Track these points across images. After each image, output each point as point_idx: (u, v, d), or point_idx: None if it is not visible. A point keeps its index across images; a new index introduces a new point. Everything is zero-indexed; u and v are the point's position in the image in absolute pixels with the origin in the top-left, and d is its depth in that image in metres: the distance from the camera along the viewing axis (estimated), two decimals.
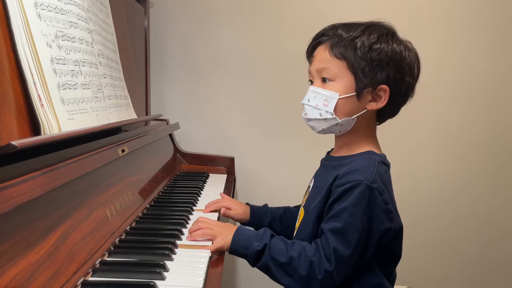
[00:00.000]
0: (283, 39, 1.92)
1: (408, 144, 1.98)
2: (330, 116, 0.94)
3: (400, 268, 1.00)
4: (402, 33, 0.98)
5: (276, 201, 1.53)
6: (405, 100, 0.98)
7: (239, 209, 1.19)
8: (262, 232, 0.94)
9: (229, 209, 1.19)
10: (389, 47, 0.92)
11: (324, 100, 0.94)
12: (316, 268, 0.87)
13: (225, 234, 0.95)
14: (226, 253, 0.96)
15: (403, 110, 1.01)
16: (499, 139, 1.98)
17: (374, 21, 0.97)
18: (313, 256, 0.88)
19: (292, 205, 1.22)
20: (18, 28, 0.76)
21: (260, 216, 1.19)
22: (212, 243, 0.95)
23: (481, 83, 1.96)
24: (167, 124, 1.80)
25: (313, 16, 1.89)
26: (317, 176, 1.05)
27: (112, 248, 0.87)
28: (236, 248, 0.94)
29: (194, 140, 1.98)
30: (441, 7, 1.93)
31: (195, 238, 0.97)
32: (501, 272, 2.04)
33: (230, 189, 1.57)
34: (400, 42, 0.95)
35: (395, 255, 0.96)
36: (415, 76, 0.97)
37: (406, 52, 0.94)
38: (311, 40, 1.00)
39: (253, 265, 0.93)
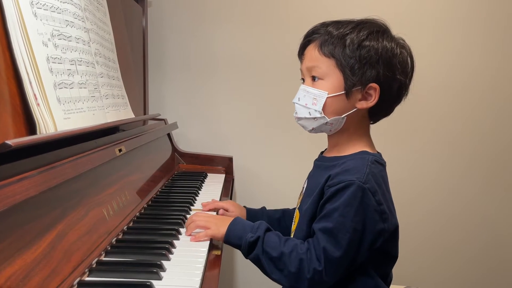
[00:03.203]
0: (282, 39, 1.92)
1: (404, 144, 1.98)
2: (319, 115, 0.93)
3: (397, 269, 1.00)
4: (401, 33, 0.96)
5: (274, 201, 1.53)
6: (399, 99, 0.96)
7: (236, 212, 1.19)
8: (258, 224, 0.94)
9: (227, 211, 1.19)
10: (379, 44, 0.91)
11: (313, 98, 0.93)
12: (306, 267, 0.86)
13: (220, 225, 0.96)
14: (224, 252, 0.96)
15: (399, 109, 0.99)
16: (495, 138, 1.98)
17: (367, 18, 0.96)
18: (304, 255, 0.87)
19: (290, 205, 1.22)
20: (13, 27, 0.76)
21: (256, 219, 1.17)
22: None
23: (474, 80, 1.95)
24: (165, 124, 1.80)
25: (311, 14, 1.88)
26: (310, 177, 1.05)
27: (109, 248, 0.87)
28: (231, 238, 0.94)
29: (192, 139, 1.97)
30: (442, 8, 1.92)
31: (190, 232, 0.98)
32: (500, 272, 2.04)
33: (228, 189, 1.57)
34: (392, 39, 0.94)
35: (391, 256, 0.95)
36: (408, 74, 0.95)
37: (398, 49, 0.93)
38: (302, 38, 0.99)
39: (246, 256, 0.93)
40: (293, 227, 1.03)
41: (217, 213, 1.18)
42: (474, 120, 1.98)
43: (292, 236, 1.01)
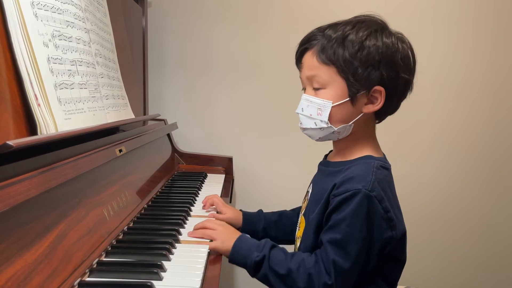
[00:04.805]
0: (282, 38, 1.92)
1: (409, 145, 1.98)
2: (325, 125, 0.91)
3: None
4: (404, 33, 0.94)
5: (274, 201, 1.53)
6: (404, 95, 0.94)
7: (230, 214, 1.16)
8: (263, 243, 0.92)
9: (220, 213, 1.16)
10: (379, 42, 0.88)
11: (317, 109, 0.90)
12: (316, 281, 0.84)
13: (226, 239, 0.94)
14: None
15: (405, 112, 0.98)
16: (501, 140, 1.98)
17: (363, 15, 0.93)
18: (312, 269, 0.85)
19: (289, 205, 1.21)
20: (14, 28, 0.76)
21: (253, 222, 1.16)
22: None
23: (483, 83, 1.95)
24: (165, 124, 1.80)
25: (311, 15, 1.89)
26: (315, 182, 1.03)
27: (110, 248, 0.87)
28: (236, 258, 0.93)
29: (192, 140, 1.97)
30: (444, 6, 1.92)
31: (195, 236, 0.98)
32: (503, 275, 2.04)
33: (228, 189, 1.57)
34: (391, 34, 0.90)
35: (399, 261, 0.94)
36: (411, 69, 0.92)
37: (399, 44, 0.90)
38: (297, 46, 0.95)
39: (252, 275, 0.91)
40: (298, 232, 1.01)
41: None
42: (481, 121, 1.97)
43: (298, 243, 1.00)
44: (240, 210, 1.20)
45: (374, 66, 0.87)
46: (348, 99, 0.89)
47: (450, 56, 1.94)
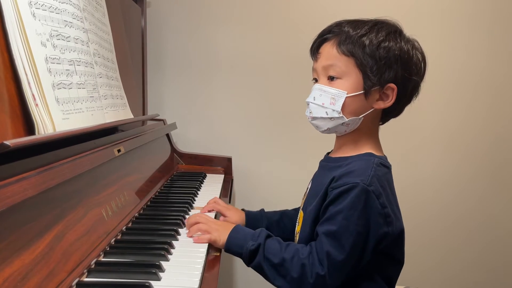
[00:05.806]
0: (281, 39, 1.92)
1: (408, 144, 1.98)
2: (337, 115, 0.92)
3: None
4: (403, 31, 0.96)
5: (274, 202, 1.54)
6: (410, 100, 0.96)
7: (233, 216, 1.16)
8: (258, 232, 0.93)
9: (224, 216, 1.17)
10: (397, 45, 0.91)
11: (331, 98, 0.92)
12: (308, 271, 0.85)
13: (221, 231, 0.95)
14: (223, 253, 0.96)
15: (403, 111, 0.99)
16: (500, 139, 1.98)
17: (380, 18, 0.96)
18: (306, 259, 0.86)
19: (289, 206, 1.21)
20: (12, 27, 0.76)
21: (255, 222, 1.17)
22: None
23: (482, 83, 1.95)
24: (164, 124, 1.80)
25: (311, 16, 1.89)
26: (314, 178, 1.04)
27: (108, 249, 0.87)
28: (232, 246, 0.94)
29: (191, 140, 1.97)
30: (441, 5, 1.92)
31: (191, 234, 0.97)
32: (502, 274, 2.04)
33: (227, 189, 1.57)
34: (408, 40, 0.94)
35: (396, 260, 0.94)
36: (422, 75, 0.95)
37: (414, 51, 0.93)
38: (316, 37, 0.98)
39: (247, 264, 0.92)
40: (298, 228, 1.02)
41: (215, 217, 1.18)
42: (480, 120, 1.97)
43: (297, 238, 1.00)
44: (243, 209, 1.21)
45: (390, 65, 0.90)
46: (362, 91, 0.91)
47: (448, 54, 1.94)
